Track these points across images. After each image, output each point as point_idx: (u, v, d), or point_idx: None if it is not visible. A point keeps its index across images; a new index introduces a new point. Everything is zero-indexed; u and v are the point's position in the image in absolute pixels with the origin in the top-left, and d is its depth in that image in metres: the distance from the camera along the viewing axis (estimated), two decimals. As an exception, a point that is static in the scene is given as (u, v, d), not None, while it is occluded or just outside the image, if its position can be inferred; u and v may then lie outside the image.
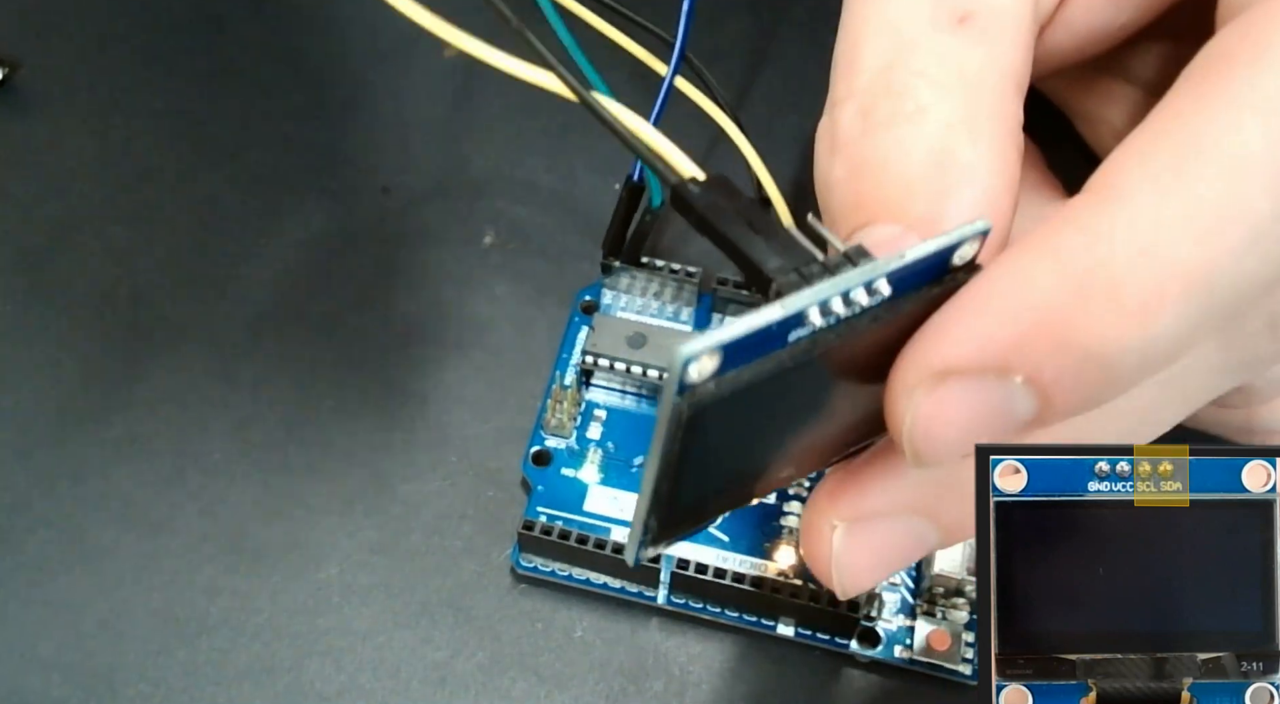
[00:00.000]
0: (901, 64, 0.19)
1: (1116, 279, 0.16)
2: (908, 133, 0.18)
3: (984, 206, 0.18)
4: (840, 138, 0.19)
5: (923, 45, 0.19)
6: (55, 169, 0.33)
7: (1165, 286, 0.16)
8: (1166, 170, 0.16)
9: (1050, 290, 0.16)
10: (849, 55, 0.20)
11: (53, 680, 0.26)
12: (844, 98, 0.19)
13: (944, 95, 0.18)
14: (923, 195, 0.18)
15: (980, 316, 0.17)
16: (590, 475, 0.28)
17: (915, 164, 0.18)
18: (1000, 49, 0.19)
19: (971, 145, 0.18)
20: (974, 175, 0.18)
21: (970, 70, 0.19)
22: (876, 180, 0.18)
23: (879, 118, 0.19)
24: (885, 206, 0.18)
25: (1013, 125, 0.19)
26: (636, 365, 0.28)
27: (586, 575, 0.27)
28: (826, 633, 0.26)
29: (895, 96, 0.19)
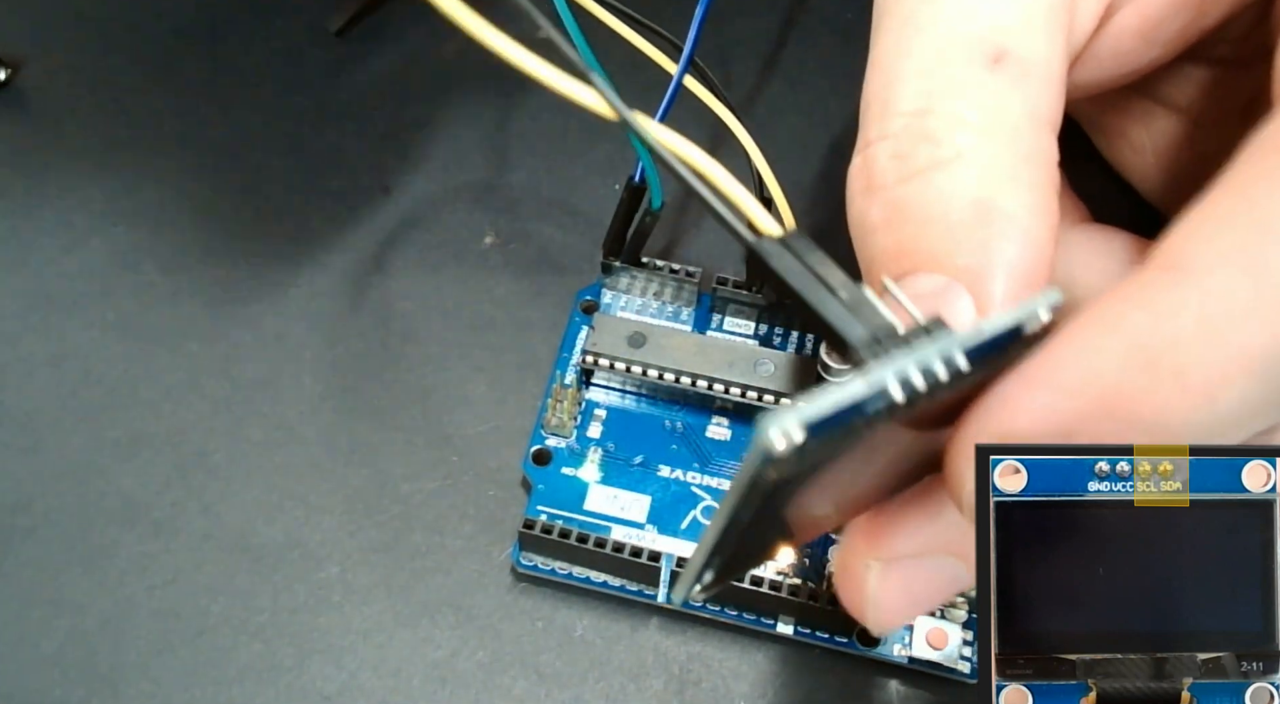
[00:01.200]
0: (937, 106, 0.19)
1: (1182, 358, 0.16)
2: (947, 179, 0.18)
3: (1029, 256, 0.18)
4: (876, 180, 0.19)
5: (958, 87, 0.19)
6: (57, 169, 0.33)
7: (1230, 367, 0.16)
8: (1236, 251, 0.16)
9: (1116, 366, 0.16)
10: (882, 95, 0.19)
11: (53, 680, 0.26)
12: (878, 139, 0.19)
13: (982, 139, 0.18)
14: (966, 246, 0.18)
15: (1046, 389, 0.17)
16: (590, 474, 0.28)
17: (956, 212, 0.18)
18: (1035, 89, 0.19)
19: (1013, 192, 0.18)
20: (1016, 224, 0.18)
21: (1007, 113, 0.19)
22: (917, 228, 0.18)
23: (917, 163, 0.18)
24: (929, 256, 0.18)
25: (1050, 168, 0.19)
26: (636, 365, 0.28)
27: (587, 574, 0.27)
28: (826, 631, 0.26)
29: (932, 140, 0.18)
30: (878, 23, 0.20)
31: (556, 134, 0.34)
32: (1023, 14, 0.19)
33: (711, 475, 0.28)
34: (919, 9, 0.19)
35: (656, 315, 0.30)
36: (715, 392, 0.28)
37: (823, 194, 0.32)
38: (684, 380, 0.28)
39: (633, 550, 0.26)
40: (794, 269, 0.17)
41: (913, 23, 0.19)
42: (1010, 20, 0.19)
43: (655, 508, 0.28)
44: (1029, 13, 0.19)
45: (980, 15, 0.19)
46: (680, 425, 0.29)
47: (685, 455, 0.28)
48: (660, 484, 0.28)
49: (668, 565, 0.26)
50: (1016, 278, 0.18)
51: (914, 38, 0.19)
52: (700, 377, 0.28)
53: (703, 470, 0.28)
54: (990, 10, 0.19)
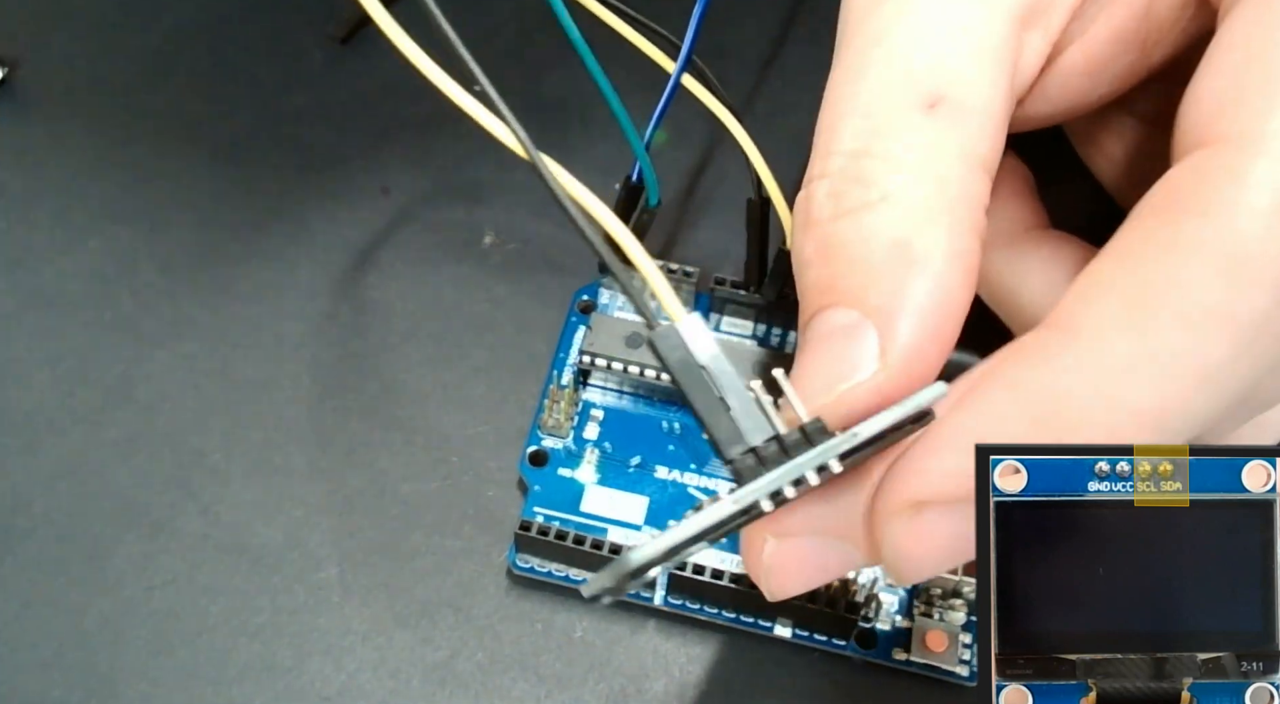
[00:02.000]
0: (872, 148, 0.20)
1: (1075, 420, 0.17)
2: (872, 219, 0.19)
3: (939, 299, 0.19)
4: (813, 216, 0.20)
5: (894, 129, 0.19)
6: (55, 169, 0.33)
7: (1121, 428, 0.17)
8: (1123, 313, 0.17)
9: (1014, 427, 0.18)
10: (826, 133, 0.20)
11: (53, 680, 0.26)
12: (818, 176, 0.20)
13: (909, 182, 0.19)
14: (878, 284, 0.19)
15: (951, 453, 0.18)
16: (587, 476, 0.28)
17: (876, 252, 0.19)
18: (969, 133, 0.20)
19: (932, 235, 0.19)
20: (930, 267, 0.19)
21: (937, 156, 0.19)
22: (839, 266, 0.19)
23: (849, 202, 0.19)
24: (847, 293, 0.19)
25: (976, 211, 0.20)
26: (634, 365, 0.28)
27: (584, 576, 0.27)
28: (824, 634, 0.26)
29: (864, 181, 0.19)
30: (834, 58, 0.21)
31: (557, 134, 0.34)
32: (965, 57, 0.20)
33: (708, 477, 0.28)
34: (868, 49, 0.20)
35: (654, 315, 0.30)
36: None
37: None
38: None
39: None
40: (686, 364, 0.18)
41: (860, 62, 0.20)
42: (952, 63, 0.20)
43: (653, 509, 0.28)
44: (971, 56, 0.20)
45: (923, 58, 0.20)
46: (678, 426, 0.29)
47: (682, 456, 0.28)
48: (658, 485, 0.28)
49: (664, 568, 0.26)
50: (924, 319, 0.19)
51: (860, 77, 0.20)
52: None
53: (700, 472, 0.28)
54: (933, 53, 0.20)
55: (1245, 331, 0.17)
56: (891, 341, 0.18)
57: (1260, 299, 0.17)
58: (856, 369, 0.18)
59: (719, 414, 0.18)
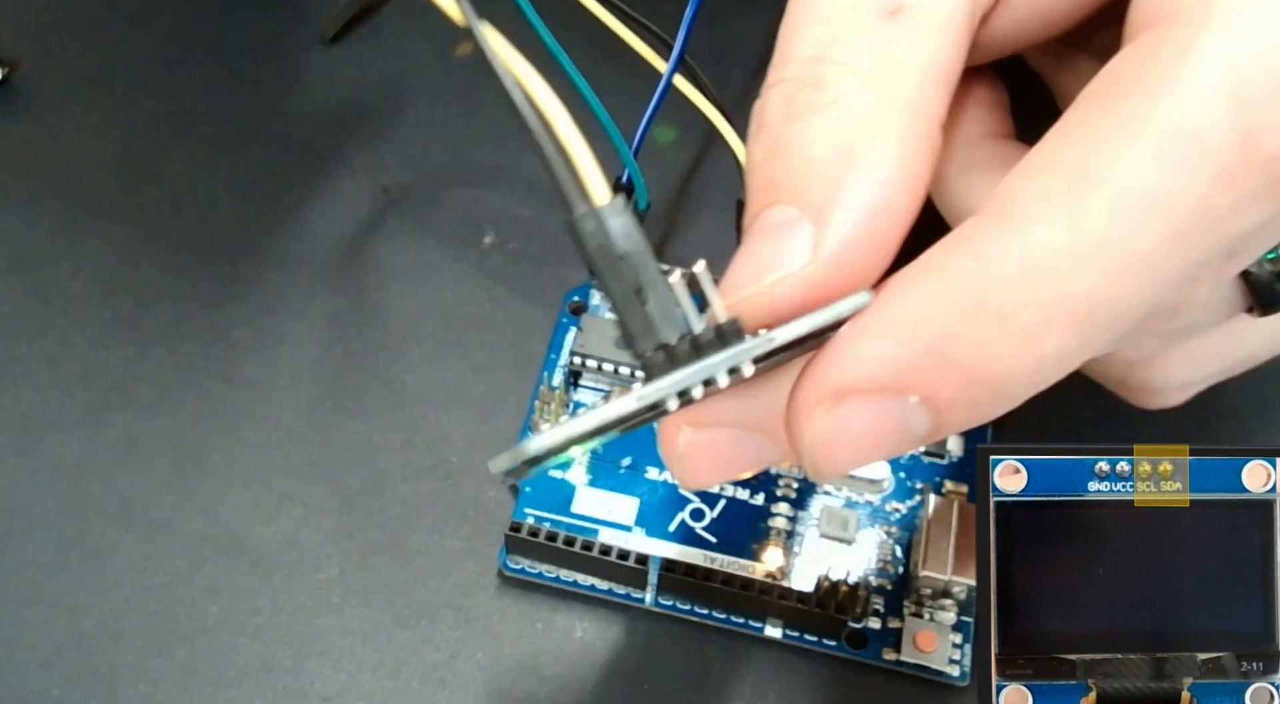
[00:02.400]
0: (827, 53, 0.19)
1: (1007, 305, 0.17)
2: (819, 121, 0.19)
3: (878, 199, 0.18)
4: (765, 121, 0.20)
5: (850, 36, 0.19)
6: (55, 169, 0.33)
7: (1051, 314, 0.17)
8: (1058, 199, 0.17)
9: (942, 313, 0.17)
10: (785, 41, 0.20)
11: (53, 680, 0.26)
12: (774, 83, 0.20)
13: (861, 87, 0.19)
14: (819, 181, 0.18)
15: (877, 339, 0.17)
16: (578, 477, 0.28)
17: (819, 152, 0.19)
18: (928, 42, 0.19)
19: (876, 138, 0.19)
20: (872, 168, 0.18)
21: (892, 64, 0.19)
22: (784, 164, 0.19)
23: (798, 105, 0.19)
24: (786, 190, 0.19)
25: (928, 122, 0.19)
26: (625, 366, 0.28)
27: (574, 577, 0.27)
28: (814, 634, 0.26)
29: (815, 85, 0.19)
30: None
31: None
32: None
33: None
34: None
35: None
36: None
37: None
38: None
39: (620, 553, 0.26)
40: (605, 252, 0.17)
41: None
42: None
43: (643, 510, 0.27)
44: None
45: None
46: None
47: None
48: (648, 486, 0.28)
49: (655, 568, 0.26)
50: (860, 217, 0.18)
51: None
52: None
53: None
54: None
55: (1179, 219, 0.17)
56: (825, 235, 0.18)
57: (1197, 184, 0.17)
58: (787, 260, 0.18)
59: (634, 306, 0.17)
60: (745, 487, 0.28)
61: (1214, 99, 0.17)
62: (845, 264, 0.18)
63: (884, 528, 0.27)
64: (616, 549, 0.26)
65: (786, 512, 0.27)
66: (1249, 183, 0.17)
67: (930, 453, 0.28)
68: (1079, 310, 0.17)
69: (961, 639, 0.26)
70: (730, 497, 0.28)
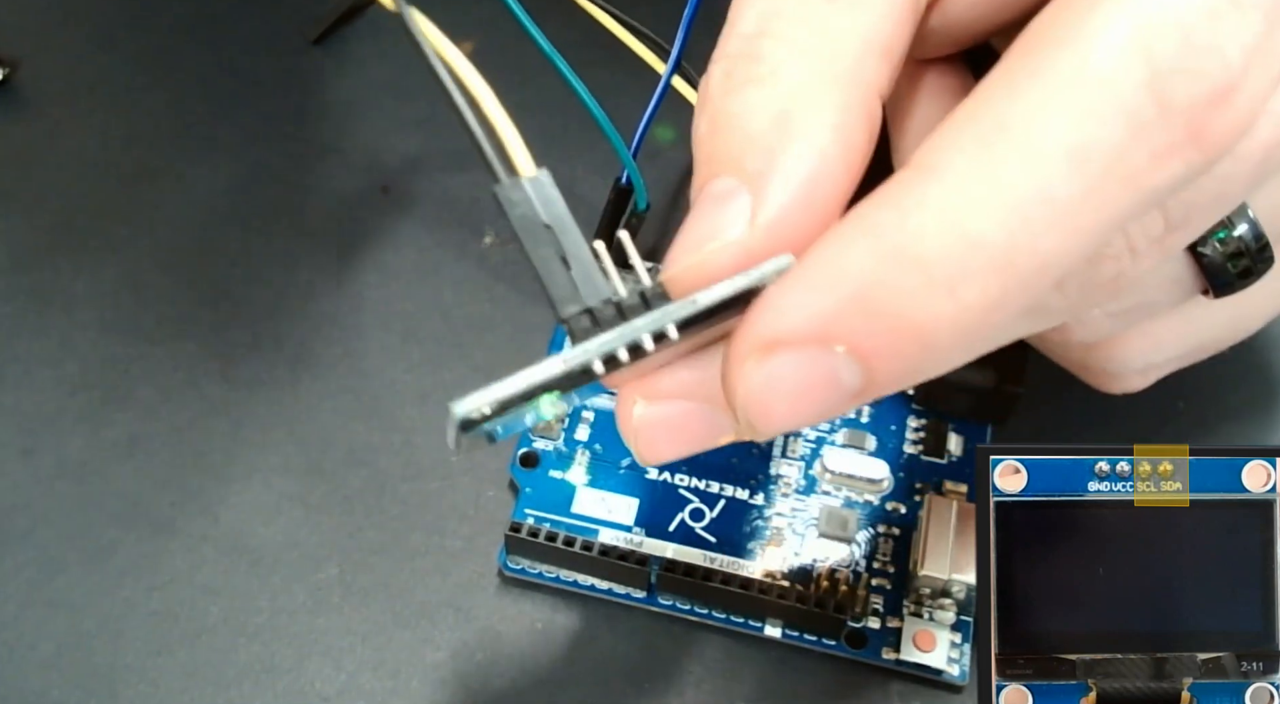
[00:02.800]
0: (767, 29, 0.20)
1: (925, 253, 0.17)
2: (757, 93, 0.19)
3: (815, 168, 0.19)
4: (707, 96, 0.20)
5: (789, 10, 0.20)
6: (55, 169, 0.33)
7: (970, 261, 0.17)
8: (975, 150, 0.17)
9: (866, 263, 0.17)
10: (730, 18, 0.20)
11: (53, 680, 0.26)
12: (718, 58, 0.20)
13: (798, 58, 0.19)
14: (756, 152, 0.19)
15: (802, 290, 0.17)
16: (578, 477, 0.28)
17: (757, 122, 0.19)
18: (868, 16, 0.20)
19: (816, 110, 0.19)
20: (809, 136, 0.19)
21: (831, 36, 0.19)
22: (724, 137, 0.19)
23: (737, 79, 0.19)
24: (726, 162, 0.19)
25: (866, 93, 0.20)
26: None
27: (574, 577, 0.27)
28: (814, 634, 0.26)
29: (754, 59, 0.19)
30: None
31: (555, 134, 0.34)
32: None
33: (700, 478, 0.28)
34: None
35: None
36: None
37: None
38: None
39: (620, 553, 0.26)
40: (529, 221, 0.18)
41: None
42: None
43: (643, 510, 0.27)
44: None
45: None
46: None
47: None
48: (648, 486, 0.28)
49: (655, 568, 0.26)
50: (797, 185, 0.18)
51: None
52: None
53: (691, 473, 0.28)
54: None
55: (1093, 169, 0.17)
56: (762, 204, 0.18)
57: (1110, 134, 0.17)
58: (724, 229, 0.18)
59: (557, 271, 0.17)
60: (745, 487, 0.28)
61: (1124, 49, 0.17)
62: (782, 232, 0.18)
63: (883, 527, 0.27)
64: (616, 549, 0.26)
65: (786, 511, 0.27)
66: (1163, 134, 0.17)
67: (930, 453, 0.28)
68: (998, 258, 0.17)
69: (961, 639, 0.26)
70: (730, 497, 0.28)
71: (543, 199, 0.18)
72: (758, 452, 0.28)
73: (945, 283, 0.17)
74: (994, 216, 0.17)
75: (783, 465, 0.28)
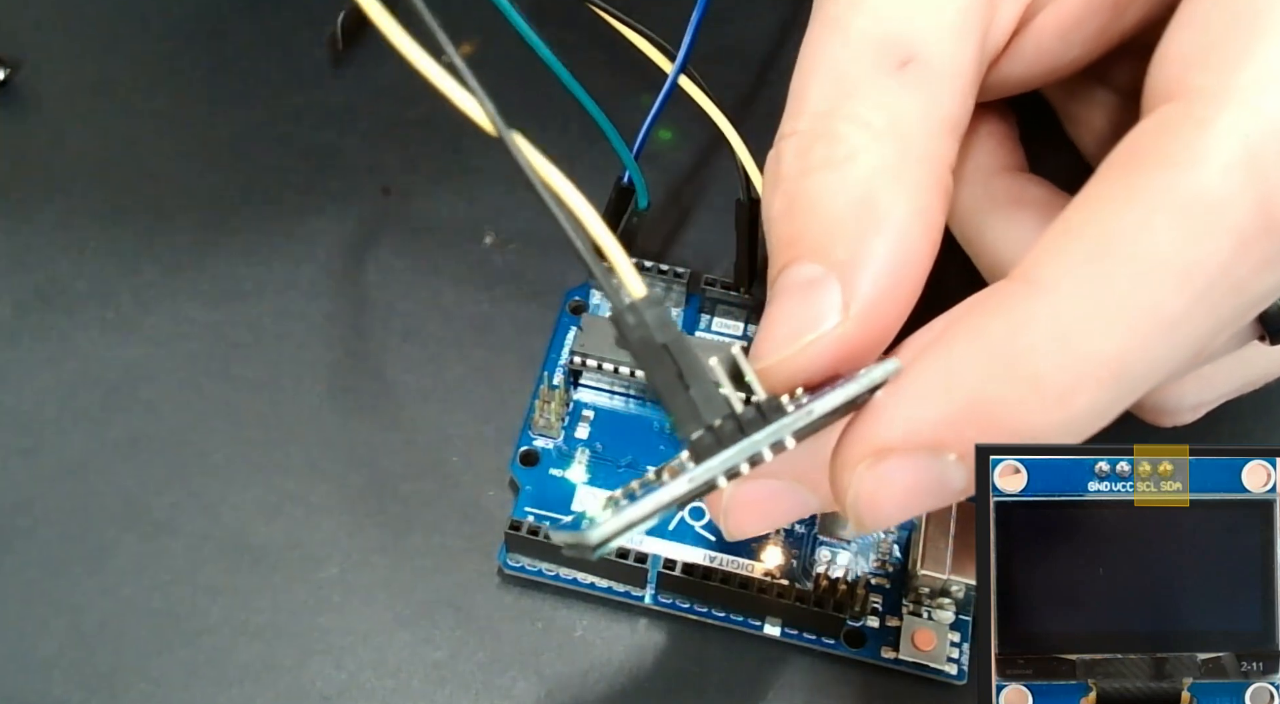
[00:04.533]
0: (840, 108, 0.20)
1: (1037, 368, 0.18)
2: (836, 177, 0.20)
3: (900, 254, 0.19)
4: (781, 174, 0.20)
5: (862, 90, 0.20)
6: (56, 169, 0.33)
7: (1081, 376, 0.18)
8: (1084, 266, 0.18)
9: (977, 376, 0.18)
10: (797, 93, 0.21)
11: (53, 680, 0.26)
12: (788, 135, 0.20)
13: (875, 141, 0.20)
14: (843, 239, 0.19)
15: (915, 400, 0.18)
16: (578, 475, 0.28)
17: (840, 208, 0.19)
18: (938, 94, 0.20)
19: (894, 192, 0.19)
20: (893, 223, 0.19)
21: (904, 116, 0.20)
22: (805, 221, 0.20)
23: (813, 160, 0.20)
24: (810, 248, 0.19)
25: (941, 170, 0.20)
26: (625, 366, 0.28)
27: (574, 576, 0.27)
28: (813, 633, 0.26)
29: (830, 140, 0.20)
30: (811, 19, 0.21)
31: (557, 133, 0.34)
32: (935, 19, 0.20)
33: None
34: (842, 10, 0.21)
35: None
36: None
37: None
38: None
39: (620, 551, 0.26)
40: (647, 344, 0.18)
41: (833, 23, 0.21)
42: (921, 24, 0.20)
43: None
44: (942, 18, 0.20)
45: (894, 19, 0.20)
46: (669, 426, 0.29)
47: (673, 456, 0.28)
48: None
49: (655, 566, 0.26)
50: (886, 273, 0.19)
51: (831, 38, 0.21)
52: None
53: None
54: (904, 15, 0.20)
55: (1201, 283, 0.17)
56: (854, 294, 0.19)
57: (1218, 250, 0.17)
58: (820, 320, 0.19)
59: (678, 393, 0.18)
60: None
61: (1233, 171, 0.17)
62: (875, 319, 0.19)
63: None
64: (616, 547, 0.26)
65: None
66: (1268, 247, 0.18)
67: None
68: (1108, 370, 0.18)
69: (959, 638, 0.26)
70: None
71: (655, 319, 0.18)
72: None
73: (1056, 395, 0.18)
74: (1106, 333, 0.17)
75: None
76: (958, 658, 0.26)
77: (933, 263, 0.20)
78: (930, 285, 0.20)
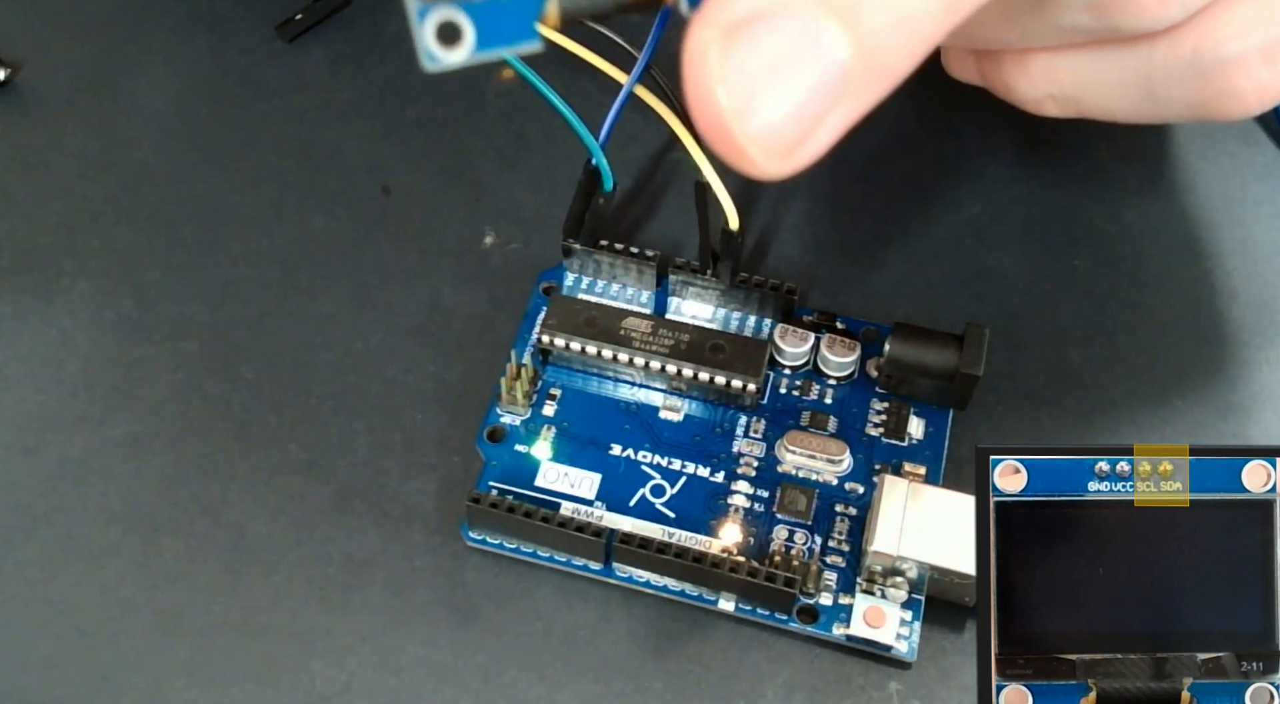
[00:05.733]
0: None
1: None
2: None
3: None
4: None
5: None
6: (55, 169, 0.33)
7: None
8: None
9: None
10: None
11: (52, 680, 0.26)
12: None
13: None
14: None
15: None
16: (543, 452, 0.28)
17: None
18: None
19: None
20: None
21: None
22: None
23: None
24: None
25: None
26: (591, 345, 0.28)
27: (534, 549, 0.27)
28: (766, 608, 0.27)
29: None
30: None
31: (557, 132, 0.34)
32: None
33: (663, 455, 0.28)
34: None
35: (616, 297, 0.30)
36: (668, 373, 0.28)
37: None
38: (637, 361, 0.28)
39: (578, 526, 0.26)
40: None
41: None
42: None
43: (605, 485, 0.28)
44: None
45: None
46: (634, 406, 0.29)
47: (637, 435, 0.29)
48: (611, 462, 0.28)
49: (611, 541, 0.26)
50: None
51: None
52: (654, 358, 0.28)
53: (654, 450, 0.28)
54: None
55: None
56: None
57: None
58: None
59: None
60: (706, 464, 0.28)
61: None
62: None
63: (840, 507, 0.28)
64: (575, 522, 0.26)
65: (746, 489, 0.28)
66: None
67: (891, 435, 0.28)
68: None
69: (911, 616, 0.26)
70: (692, 474, 0.28)
71: None
72: (720, 430, 0.29)
73: None
74: None
75: (744, 444, 0.28)
76: (908, 635, 0.26)
77: None
78: None
